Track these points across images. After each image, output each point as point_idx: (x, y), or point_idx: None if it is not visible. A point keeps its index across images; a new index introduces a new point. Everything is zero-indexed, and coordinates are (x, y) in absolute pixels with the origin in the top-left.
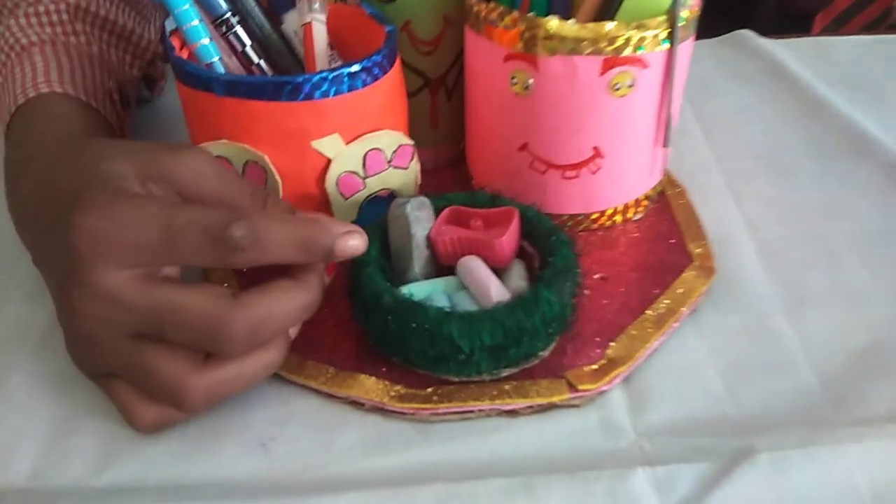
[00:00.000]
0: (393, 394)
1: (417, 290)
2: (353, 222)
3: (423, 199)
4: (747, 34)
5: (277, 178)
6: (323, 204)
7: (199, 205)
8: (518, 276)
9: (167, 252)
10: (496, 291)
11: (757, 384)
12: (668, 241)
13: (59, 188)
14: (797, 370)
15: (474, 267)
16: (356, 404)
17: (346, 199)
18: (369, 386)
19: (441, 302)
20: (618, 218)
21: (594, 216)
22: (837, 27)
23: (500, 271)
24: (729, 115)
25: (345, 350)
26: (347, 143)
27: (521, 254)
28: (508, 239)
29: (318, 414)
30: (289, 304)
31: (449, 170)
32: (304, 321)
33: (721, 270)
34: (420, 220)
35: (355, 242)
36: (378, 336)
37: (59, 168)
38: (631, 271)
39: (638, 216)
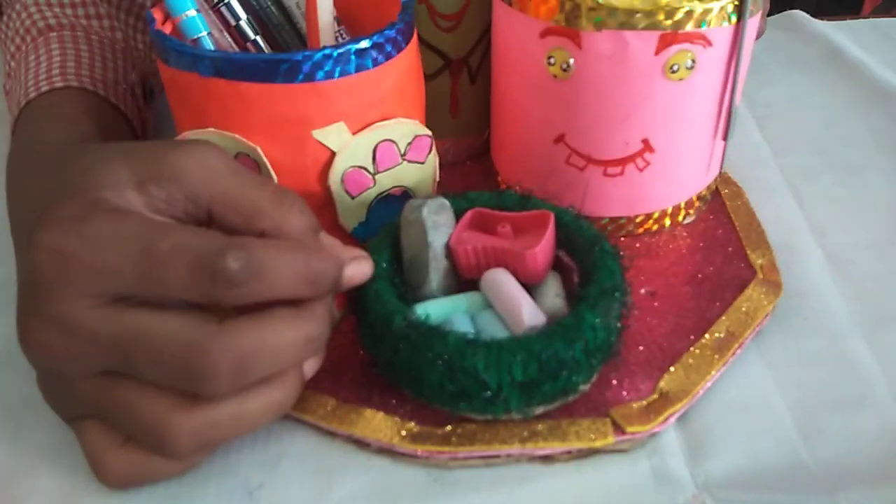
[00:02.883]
0: (404, 433)
1: (435, 309)
2: (361, 225)
3: (443, 201)
4: (799, 15)
5: (272, 173)
6: (326, 204)
7: (192, 227)
8: (554, 294)
9: (146, 282)
10: (529, 314)
11: (835, 423)
12: (725, 249)
13: (43, 203)
14: (881, 404)
15: (502, 282)
16: (360, 444)
17: (353, 197)
18: (376, 423)
19: (462, 325)
20: (667, 221)
21: (639, 219)
22: (890, 8)
23: (532, 287)
24: (785, 105)
25: (348, 378)
26: (354, 133)
27: (556, 265)
28: (543, 249)
29: (315, 455)
30: (285, 335)
31: (471, 164)
32: (319, 359)
33: (786, 284)
34: (438, 225)
35: (367, 269)
36: (387, 364)
37: (50, 179)
38: (684, 285)
39: (690, 219)
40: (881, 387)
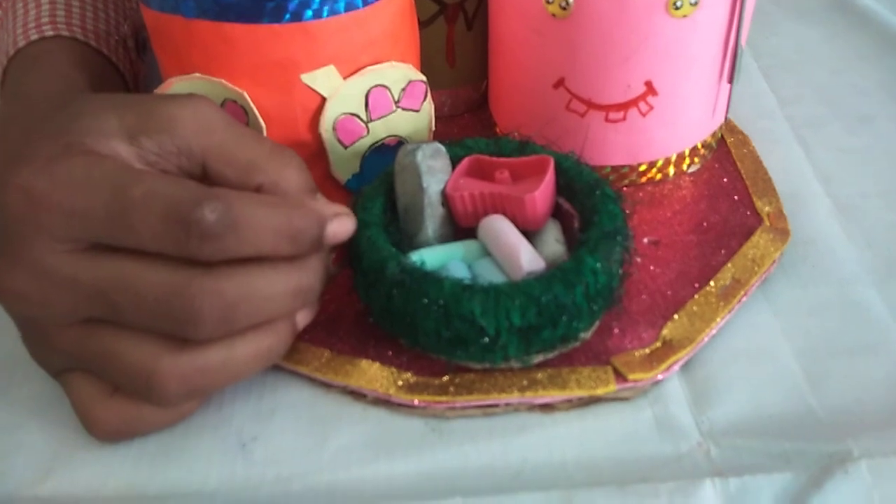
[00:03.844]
0: (401, 383)
1: (430, 257)
2: (355, 177)
3: (438, 146)
4: None
5: (261, 120)
6: (318, 153)
7: (170, 176)
8: (554, 240)
9: (117, 228)
10: (528, 259)
11: (844, 370)
12: (731, 197)
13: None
14: (891, 351)
15: (500, 229)
16: (356, 395)
17: (346, 147)
18: (372, 373)
19: (459, 272)
20: (670, 170)
21: (642, 168)
22: None
23: (531, 234)
24: (791, 54)
25: (343, 329)
26: (346, 77)
27: (556, 212)
28: (542, 194)
29: (310, 407)
30: (275, 284)
31: (469, 115)
32: (312, 310)
33: (794, 232)
34: (434, 170)
35: (350, 226)
36: (382, 313)
37: (37, 129)
38: (688, 234)
39: (694, 168)
40: (892, 333)
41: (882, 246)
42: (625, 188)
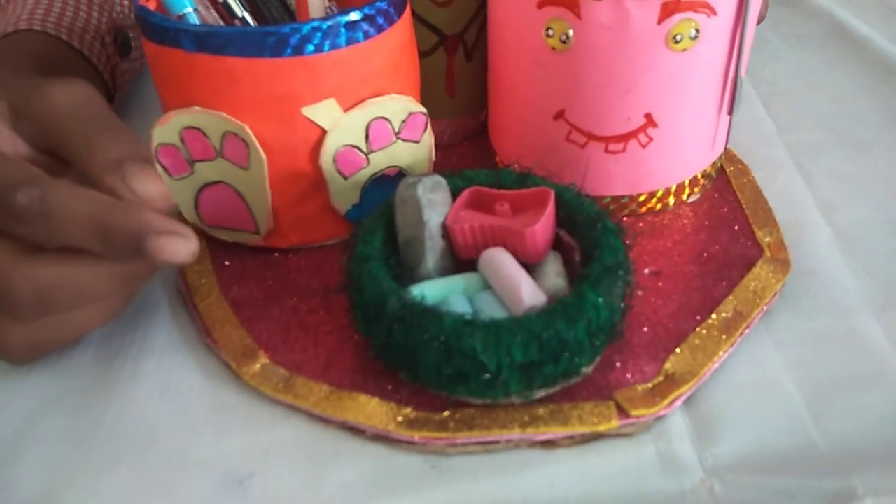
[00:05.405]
0: (400, 419)
1: (431, 290)
2: (355, 207)
3: (438, 179)
4: None
5: (261, 153)
6: (318, 184)
7: (7, 157)
8: (554, 273)
9: None
10: (529, 293)
11: (847, 403)
12: (731, 227)
13: None
14: (893, 382)
15: (501, 262)
16: (355, 431)
17: (347, 178)
18: (371, 408)
19: (460, 306)
20: (671, 200)
21: (642, 198)
22: None
23: (531, 267)
24: (789, 81)
25: (342, 363)
26: (346, 110)
27: (557, 245)
28: (543, 227)
29: (308, 443)
30: (87, 275)
31: (468, 144)
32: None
33: (795, 262)
34: (434, 203)
35: (182, 249)
36: (382, 348)
37: None
38: (689, 265)
39: (694, 198)
40: (892, 365)
41: (882, 273)
42: (625, 218)
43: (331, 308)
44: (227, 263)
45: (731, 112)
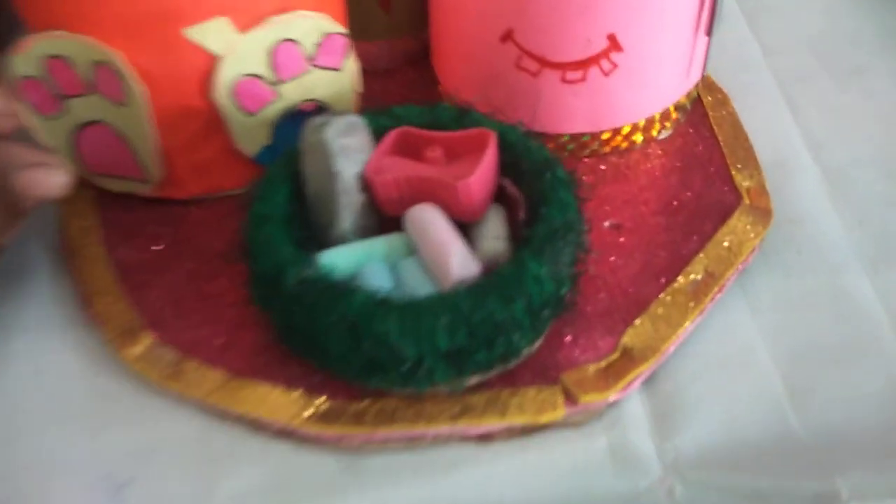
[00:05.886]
0: (309, 411)
1: (344, 258)
2: (267, 149)
3: (353, 120)
4: None
5: (138, 86)
6: (214, 123)
7: None
8: (493, 235)
9: None
10: (459, 262)
11: (832, 381)
12: (706, 168)
13: None
14: (886, 352)
15: (429, 222)
16: (256, 426)
17: (252, 114)
18: (274, 399)
19: (379, 278)
20: (637, 137)
21: (605, 136)
22: None
23: (468, 226)
24: None
25: (243, 344)
26: (243, 31)
27: (499, 196)
28: (479, 179)
29: (200, 442)
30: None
31: (409, 71)
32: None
33: (777, 210)
34: (348, 150)
35: (50, 181)
36: (283, 329)
37: None
38: (656, 215)
39: (665, 134)
40: (886, 331)
41: (875, 222)
42: (585, 159)
43: (234, 274)
44: (114, 217)
45: (709, 32)
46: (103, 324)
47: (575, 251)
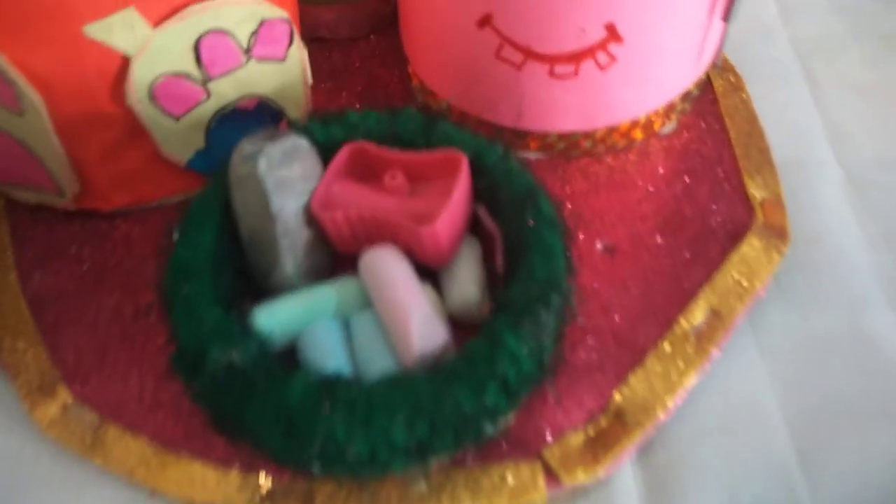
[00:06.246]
0: (247, 495)
1: (284, 315)
2: (200, 154)
3: (295, 143)
4: None
5: (33, 94)
6: (134, 129)
7: None
8: (467, 280)
9: None
10: (420, 332)
11: (847, 442)
12: (714, 172)
13: None
14: None
15: (385, 275)
16: None
17: (178, 118)
18: (206, 479)
19: (327, 342)
20: (637, 134)
21: (599, 134)
22: None
23: (441, 271)
24: None
25: (170, 405)
26: (156, 24)
27: (473, 226)
28: (448, 221)
29: None
30: None
31: (377, 40)
32: None
33: (794, 224)
34: (287, 184)
35: None
36: (211, 411)
37: None
38: (655, 234)
39: (669, 127)
40: None
41: None
42: (576, 158)
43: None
44: (28, 233)
45: (726, 17)
46: (13, 376)
47: (560, 318)
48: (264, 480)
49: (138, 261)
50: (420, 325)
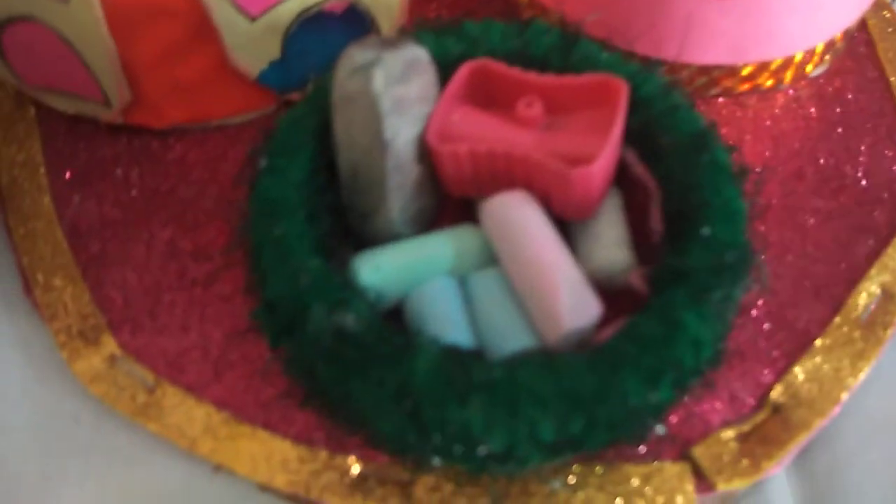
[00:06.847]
0: (332, 477)
1: (393, 269)
2: (275, 66)
3: (414, 53)
4: None
5: None
6: (201, 29)
7: None
8: (613, 240)
9: None
10: (571, 305)
11: None
12: (875, 127)
13: None
14: None
15: (520, 228)
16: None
17: (254, 19)
18: (284, 456)
19: (443, 302)
20: (787, 76)
21: (745, 71)
22: None
23: (574, 226)
24: None
25: (242, 366)
26: None
27: (619, 177)
28: (605, 164)
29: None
30: None
31: None
32: None
33: None
34: (405, 104)
35: None
36: (306, 384)
37: None
38: (813, 195)
39: (820, 69)
40: None
41: None
42: (712, 100)
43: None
44: (65, 151)
45: None
46: (49, 319)
47: (742, 292)
48: (353, 464)
49: (196, 189)
50: (570, 293)
